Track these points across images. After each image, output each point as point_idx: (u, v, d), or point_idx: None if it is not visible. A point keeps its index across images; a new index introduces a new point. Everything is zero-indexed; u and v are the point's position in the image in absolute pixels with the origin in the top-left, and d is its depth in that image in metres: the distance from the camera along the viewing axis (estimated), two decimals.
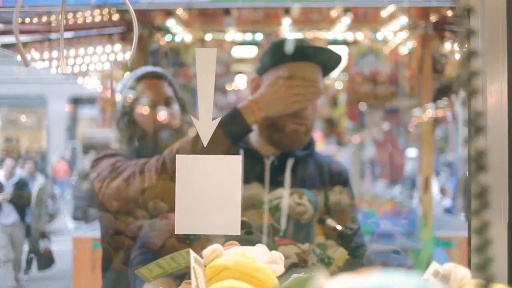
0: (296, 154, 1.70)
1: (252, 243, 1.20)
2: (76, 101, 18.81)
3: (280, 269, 1.04)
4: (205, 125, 1.28)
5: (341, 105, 5.44)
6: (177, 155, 1.31)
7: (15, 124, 20.70)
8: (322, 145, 6.28)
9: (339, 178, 1.77)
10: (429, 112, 4.25)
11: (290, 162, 1.68)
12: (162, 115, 1.89)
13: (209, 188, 1.30)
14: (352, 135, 5.95)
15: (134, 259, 1.61)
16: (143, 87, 1.89)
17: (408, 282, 0.50)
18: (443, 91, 4.36)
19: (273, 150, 1.69)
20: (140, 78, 1.92)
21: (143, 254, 1.62)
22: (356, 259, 1.67)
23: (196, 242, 1.62)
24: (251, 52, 4.94)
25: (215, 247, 1.04)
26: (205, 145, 1.30)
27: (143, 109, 1.88)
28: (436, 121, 4.59)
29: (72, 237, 4.87)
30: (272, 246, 1.49)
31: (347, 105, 5.12)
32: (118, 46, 4.32)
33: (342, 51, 4.90)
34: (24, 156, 17.41)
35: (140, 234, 1.67)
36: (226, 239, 1.36)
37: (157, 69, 2.00)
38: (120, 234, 1.76)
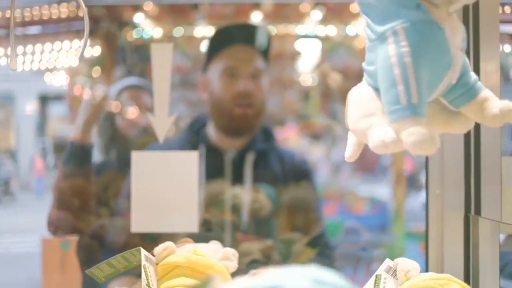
0: (256, 148, 1.69)
1: (213, 239, 1.19)
2: (45, 98, 18.52)
3: (234, 265, 1.03)
4: (161, 121, 1.26)
5: (314, 99, 5.46)
6: (132, 152, 1.29)
7: None
8: (296, 140, 6.29)
9: (301, 172, 1.77)
10: None
11: (250, 157, 1.67)
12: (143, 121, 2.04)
13: (165, 185, 1.28)
14: (325, 130, 5.97)
15: None
16: (126, 97, 2.11)
17: (304, 277, 0.49)
18: None
19: (233, 143, 1.68)
20: (124, 90, 2.15)
21: None
22: (323, 258, 1.67)
23: (160, 240, 1.60)
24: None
25: (167, 244, 1.02)
26: (161, 141, 1.28)
27: (126, 117, 2.11)
28: None
29: (41, 238, 4.77)
30: (232, 243, 1.48)
31: (320, 100, 5.14)
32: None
33: (314, 46, 4.91)
34: None
35: None
36: (187, 236, 1.34)
37: (138, 81, 2.27)
38: (81, 233, 1.73)
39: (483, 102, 0.73)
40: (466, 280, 1.17)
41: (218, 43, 1.71)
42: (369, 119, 0.71)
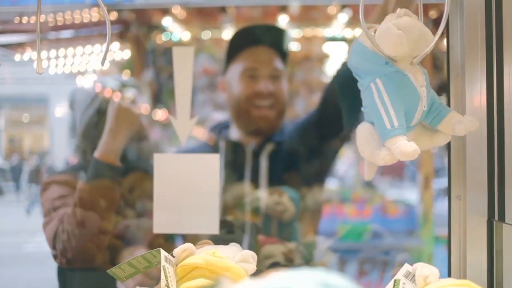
0: (275, 141, 1.70)
1: (234, 242, 1.20)
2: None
3: (252, 268, 1.03)
4: (183, 123, 1.28)
5: None
6: (154, 154, 1.31)
7: (17, 124, 20.80)
8: None
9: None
10: None
11: (267, 149, 1.67)
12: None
13: (187, 187, 1.30)
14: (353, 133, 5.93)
15: None
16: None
17: (311, 280, 0.49)
18: (443, 88, 4.33)
19: (253, 141, 1.70)
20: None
21: None
22: None
23: (183, 241, 1.61)
24: None
25: (186, 246, 1.03)
26: (182, 143, 1.30)
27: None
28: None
29: None
30: (254, 245, 1.49)
31: None
32: (116, 45, 4.31)
33: (341, 48, 4.88)
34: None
35: None
36: (210, 238, 1.35)
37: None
38: (106, 233, 1.75)
39: (450, 120, 1.03)
40: (490, 287, 1.15)
41: (238, 44, 1.72)
42: (371, 144, 1.01)
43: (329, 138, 1.74)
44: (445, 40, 3.94)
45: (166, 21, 4.14)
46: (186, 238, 1.59)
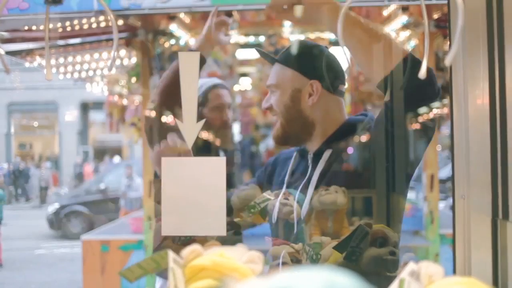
0: (333, 144, 1.60)
1: (241, 243, 1.21)
2: (87, 106, 19.03)
3: (259, 268, 1.05)
4: (189, 127, 1.30)
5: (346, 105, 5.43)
6: (162, 158, 1.33)
7: (28, 130, 20.98)
8: None
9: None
10: (434, 109, 4.23)
11: (326, 155, 1.60)
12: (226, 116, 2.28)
13: (195, 190, 1.31)
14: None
15: None
16: (214, 95, 2.26)
17: (315, 279, 0.49)
18: (446, 89, 4.33)
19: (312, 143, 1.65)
20: (212, 88, 2.28)
21: None
22: (351, 262, 1.65)
23: (190, 243, 1.63)
24: (255, 54, 4.96)
25: (194, 247, 1.05)
26: (189, 147, 1.32)
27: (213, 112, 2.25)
28: (441, 119, 4.56)
29: (82, 240, 4.91)
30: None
31: (351, 104, 5.10)
32: (122, 51, 4.35)
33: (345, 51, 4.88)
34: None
35: None
36: (217, 240, 1.37)
37: (222, 82, 2.44)
38: None
39: None
40: (495, 286, 1.16)
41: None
42: None
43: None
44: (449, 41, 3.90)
45: (173, 27, 4.17)
46: (194, 240, 1.61)
